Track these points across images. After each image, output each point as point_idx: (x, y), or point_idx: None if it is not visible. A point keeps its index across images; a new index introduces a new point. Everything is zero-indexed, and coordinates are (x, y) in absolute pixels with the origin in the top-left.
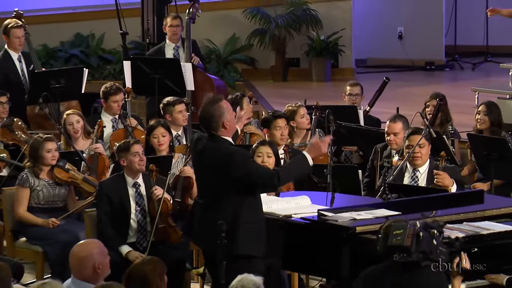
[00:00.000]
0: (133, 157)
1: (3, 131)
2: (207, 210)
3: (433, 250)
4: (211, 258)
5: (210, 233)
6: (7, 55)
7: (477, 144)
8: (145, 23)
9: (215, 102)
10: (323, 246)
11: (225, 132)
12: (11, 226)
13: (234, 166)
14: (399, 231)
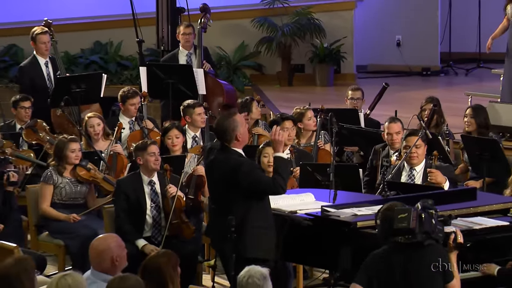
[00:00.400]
0: (149, 156)
1: (27, 132)
2: (218, 214)
3: (434, 229)
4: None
5: (222, 235)
6: (35, 60)
7: (470, 145)
8: (160, 31)
9: (229, 116)
10: (326, 240)
11: (237, 144)
12: (35, 221)
13: (242, 176)
14: (404, 215)
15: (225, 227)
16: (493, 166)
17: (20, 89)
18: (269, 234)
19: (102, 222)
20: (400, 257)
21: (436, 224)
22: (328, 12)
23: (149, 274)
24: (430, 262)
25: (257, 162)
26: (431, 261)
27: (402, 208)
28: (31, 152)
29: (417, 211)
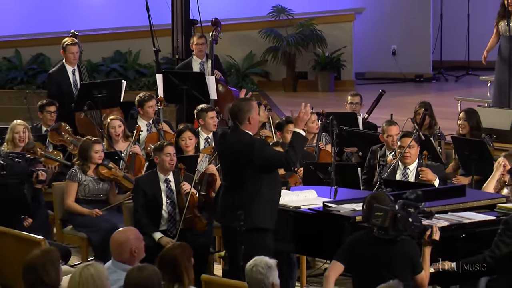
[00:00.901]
0: (165, 156)
1: (52, 134)
2: (230, 191)
3: (407, 227)
4: (229, 231)
5: (231, 210)
6: (63, 68)
7: (459, 145)
8: (174, 41)
9: (246, 100)
10: (327, 233)
11: (248, 126)
12: (60, 216)
13: (255, 153)
14: (380, 213)
15: (233, 203)
16: (480, 165)
17: (48, 94)
18: (275, 206)
19: (122, 216)
20: (374, 247)
21: (413, 221)
22: (329, 24)
23: (165, 264)
24: (400, 255)
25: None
26: (402, 255)
27: (380, 207)
28: (59, 153)
29: (394, 211)
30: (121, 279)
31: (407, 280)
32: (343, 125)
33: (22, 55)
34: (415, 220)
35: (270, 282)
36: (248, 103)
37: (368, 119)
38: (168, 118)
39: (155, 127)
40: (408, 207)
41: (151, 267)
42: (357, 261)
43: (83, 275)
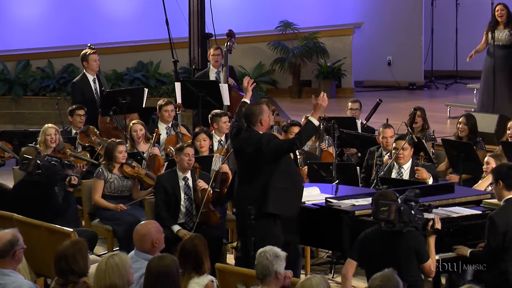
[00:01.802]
0: (184, 156)
1: (81, 136)
2: (244, 182)
3: (412, 219)
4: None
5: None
6: (85, 77)
7: (449, 147)
8: (191, 53)
9: (258, 104)
10: (329, 225)
11: (260, 128)
12: (88, 210)
13: (265, 145)
14: (385, 208)
15: (246, 192)
16: (468, 164)
17: (73, 101)
18: (291, 193)
19: (144, 211)
20: (384, 240)
21: (415, 213)
22: (331, 37)
23: (187, 253)
24: (408, 246)
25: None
26: (409, 245)
27: (384, 202)
28: (87, 153)
29: (397, 204)
30: (143, 268)
31: (415, 270)
32: (343, 129)
33: (54, 65)
34: (417, 212)
35: (274, 269)
36: (260, 107)
37: (366, 124)
38: (186, 122)
39: (174, 130)
40: (409, 202)
41: (170, 257)
42: (369, 257)
43: (108, 264)
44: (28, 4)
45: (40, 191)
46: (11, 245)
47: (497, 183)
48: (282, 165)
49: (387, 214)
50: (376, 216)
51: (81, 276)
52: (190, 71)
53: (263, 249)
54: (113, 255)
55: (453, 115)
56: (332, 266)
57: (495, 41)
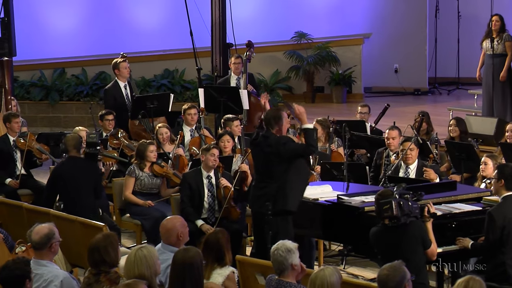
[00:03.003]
0: (210, 156)
1: (111, 138)
2: (260, 182)
3: (411, 209)
4: (257, 216)
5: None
6: (117, 84)
7: (451, 148)
8: (214, 61)
9: (277, 110)
10: (341, 220)
11: (278, 131)
12: (119, 206)
13: (282, 147)
14: (387, 206)
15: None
16: (469, 164)
17: (105, 106)
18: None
19: (170, 206)
20: (390, 234)
21: (412, 204)
22: (342, 47)
23: (210, 246)
24: (414, 235)
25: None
26: (415, 234)
27: (384, 201)
28: (115, 152)
29: (396, 200)
30: (169, 259)
31: (421, 259)
32: (354, 131)
33: (87, 73)
34: (413, 203)
35: (289, 263)
36: (280, 113)
37: (375, 126)
38: (209, 125)
39: (197, 132)
40: (403, 195)
41: (194, 249)
42: (381, 254)
43: (137, 255)
44: (63, 16)
45: (94, 170)
46: (47, 238)
47: (499, 180)
48: (296, 166)
49: (390, 211)
50: (381, 215)
51: (112, 267)
52: (212, 78)
53: (275, 246)
54: (141, 248)
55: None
56: (343, 258)
57: (486, 51)
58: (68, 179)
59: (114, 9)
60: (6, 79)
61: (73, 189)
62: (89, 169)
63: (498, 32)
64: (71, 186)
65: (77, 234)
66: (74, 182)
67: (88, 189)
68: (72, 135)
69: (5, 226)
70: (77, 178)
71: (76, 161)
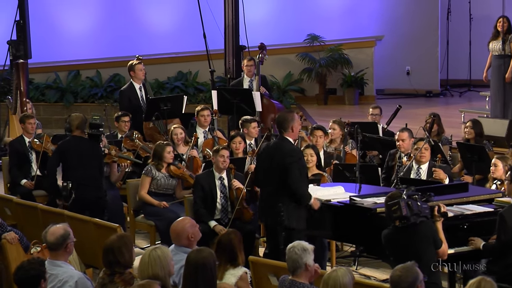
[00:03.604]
0: (220, 157)
1: (126, 140)
2: (265, 194)
3: (420, 209)
4: (267, 228)
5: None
6: (132, 85)
7: (463, 150)
8: (227, 63)
9: (290, 112)
10: (353, 221)
11: (290, 134)
12: (133, 207)
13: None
14: (395, 207)
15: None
16: (480, 166)
17: (120, 108)
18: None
19: (184, 208)
20: (401, 236)
21: (421, 204)
22: (354, 49)
23: (223, 246)
24: (425, 235)
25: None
26: (426, 234)
27: (392, 202)
28: (131, 153)
29: (404, 200)
30: (183, 260)
31: (433, 259)
32: (366, 133)
33: (102, 75)
34: (422, 203)
35: (303, 262)
36: (292, 115)
37: (387, 128)
38: (222, 126)
39: (210, 134)
40: (412, 196)
41: (207, 250)
42: (393, 256)
43: (151, 256)
44: (78, 19)
45: (98, 149)
46: (63, 239)
47: None
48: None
49: (399, 211)
50: (390, 216)
51: (126, 267)
52: (225, 80)
53: (291, 245)
54: (155, 248)
55: (467, 120)
56: (355, 258)
57: (493, 52)
58: (71, 155)
59: (128, 11)
60: (21, 81)
61: (77, 165)
62: (92, 148)
63: (504, 34)
64: (75, 162)
65: (91, 234)
66: (77, 159)
67: (92, 165)
68: (76, 115)
69: (20, 227)
70: (81, 155)
71: (79, 140)
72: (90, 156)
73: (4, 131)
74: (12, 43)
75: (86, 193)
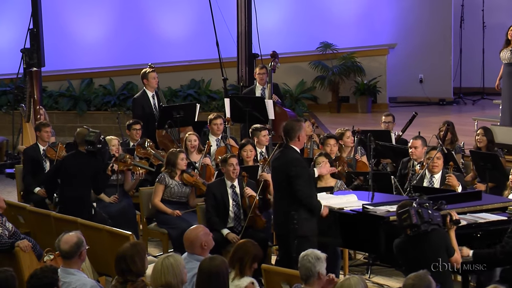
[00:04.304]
0: (229, 167)
1: (138, 148)
2: (277, 202)
3: (432, 217)
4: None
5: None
6: (145, 93)
7: (476, 158)
8: (239, 71)
9: (297, 120)
10: (366, 230)
11: (297, 143)
12: (146, 215)
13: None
14: (405, 215)
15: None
16: (494, 174)
17: (133, 116)
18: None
19: (196, 216)
20: (413, 245)
21: (432, 212)
22: (367, 57)
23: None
24: (438, 244)
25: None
26: (439, 243)
27: (402, 210)
28: (145, 162)
29: (414, 208)
30: (195, 268)
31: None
32: (379, 141)
33: (115, 83)
34: (433, 211)
35: (316, 270)
36: (299, 124)
37: (402, 135)
38: (234, 134)
39: (223, 142)
40: (423, 204)
41: (220, 258)
42: (406, 265)
43: (164, 264)
44: (91, 27)
45: (93, 164)
46: (77, 246)
47: None
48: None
49: (409, 220)
50: (401, 225)
51: (139, 276)
52: (238, 88)
53: (305, 253)
54: (168, 256)
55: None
56: (368, 267)
57: (504, 60)
58: (64, 172)
59: (141, 19)
60: (35, 89)
61: (67, 183)
62: (87, 164)
63: None
64: (65, 181)
65: (104, 242)
66: (68, 177)
67: (83, 184)
68: (81, 130)
69: (33, 235)
70: (74, 174)
71: (79, 156)
72: (83, 175)
73: (18, 139)
74: (25, 51)
75: (68, 211)
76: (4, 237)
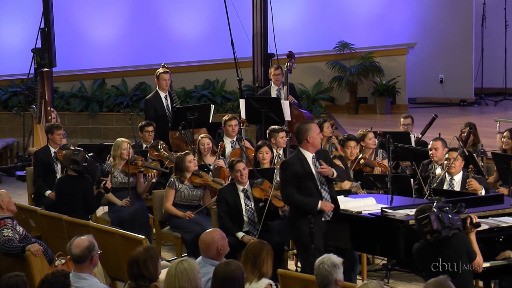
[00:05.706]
0: (236, 173)
1: (151, 150)
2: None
3: (452, 221)
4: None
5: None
6: (157, 94)
7: (498, 160)
8: (255, 71)
9: (306, 122)
10: (384, 234)
11: (308, 145)
12: (159, 218)
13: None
14: (426, 221)
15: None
16: None
17: (146, 117)
18: None
19: (210, 219)
20: (433, 250)
21: (452, 216)
22: (386, 57)
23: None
24: (459, 248)
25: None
26: (461, 248)
27: (422, 216)
28: (158, 163)
29: (434, 213)
30: (210, 272)
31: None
32: (398, 143)
33: (127, 84)
34: (453, 215)
35: (334, 278)
36: (307, 125)
37: (422, 138)
38: (250, 136)
39: (238, 144)
40: (443, 208)
41: (235, 262)
42: (426, 270)
43: (178, 269)
44: (104, 27)
45: (80, 186)
46: (89, 251)
47: None
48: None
49: (430, 226)
50: (421, 231)
51: (151, 281)
52: (254, 89)
53: (320, 260)
54: (182, 261)
55: (503, 130)
56: (387, 272)
57: None
58: (58, 194)
59: (154, 19)
60: (46, 90)
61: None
62: (75, 186)
63: None
64: (60, 203)
65: (117, 247)
66: (62, 200)
67: (73, 207)
68: (66, 152)
69: (44, 239)
70: (64, 197)
71: (67, 179)
72: (74, 197)
73: (29, 140)
74: (36, 51)
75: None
76: (15, 241)
